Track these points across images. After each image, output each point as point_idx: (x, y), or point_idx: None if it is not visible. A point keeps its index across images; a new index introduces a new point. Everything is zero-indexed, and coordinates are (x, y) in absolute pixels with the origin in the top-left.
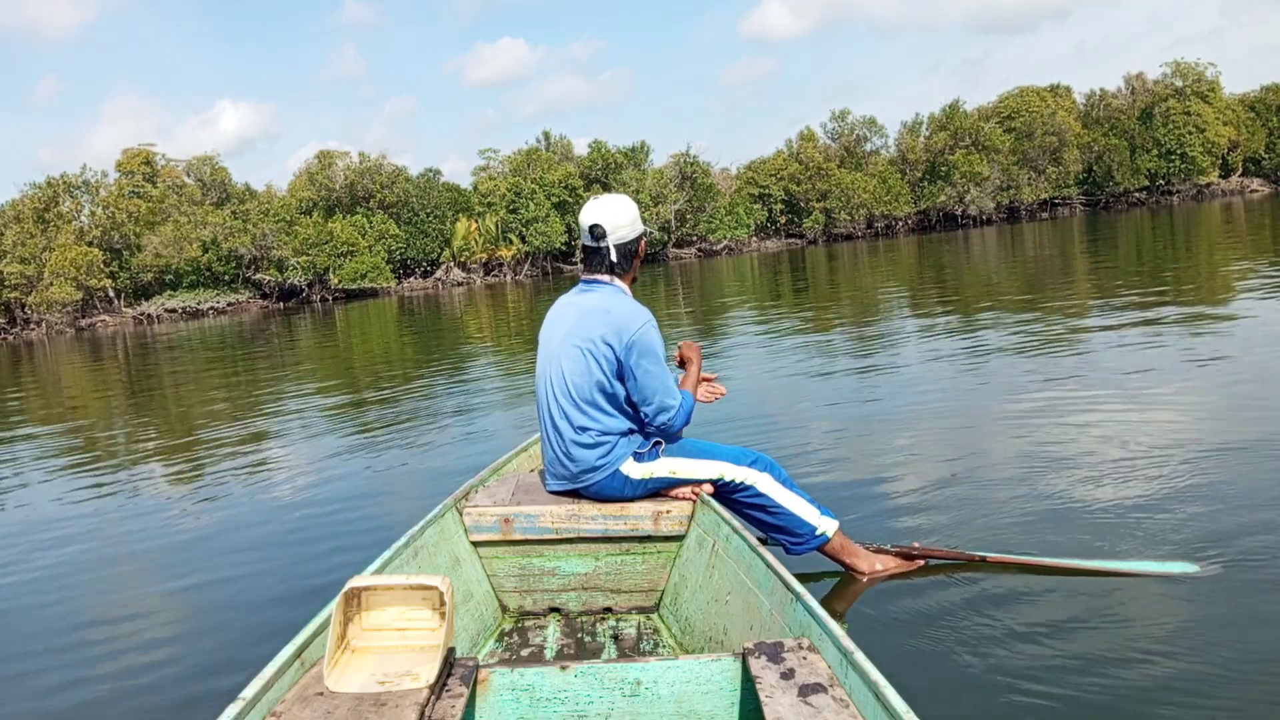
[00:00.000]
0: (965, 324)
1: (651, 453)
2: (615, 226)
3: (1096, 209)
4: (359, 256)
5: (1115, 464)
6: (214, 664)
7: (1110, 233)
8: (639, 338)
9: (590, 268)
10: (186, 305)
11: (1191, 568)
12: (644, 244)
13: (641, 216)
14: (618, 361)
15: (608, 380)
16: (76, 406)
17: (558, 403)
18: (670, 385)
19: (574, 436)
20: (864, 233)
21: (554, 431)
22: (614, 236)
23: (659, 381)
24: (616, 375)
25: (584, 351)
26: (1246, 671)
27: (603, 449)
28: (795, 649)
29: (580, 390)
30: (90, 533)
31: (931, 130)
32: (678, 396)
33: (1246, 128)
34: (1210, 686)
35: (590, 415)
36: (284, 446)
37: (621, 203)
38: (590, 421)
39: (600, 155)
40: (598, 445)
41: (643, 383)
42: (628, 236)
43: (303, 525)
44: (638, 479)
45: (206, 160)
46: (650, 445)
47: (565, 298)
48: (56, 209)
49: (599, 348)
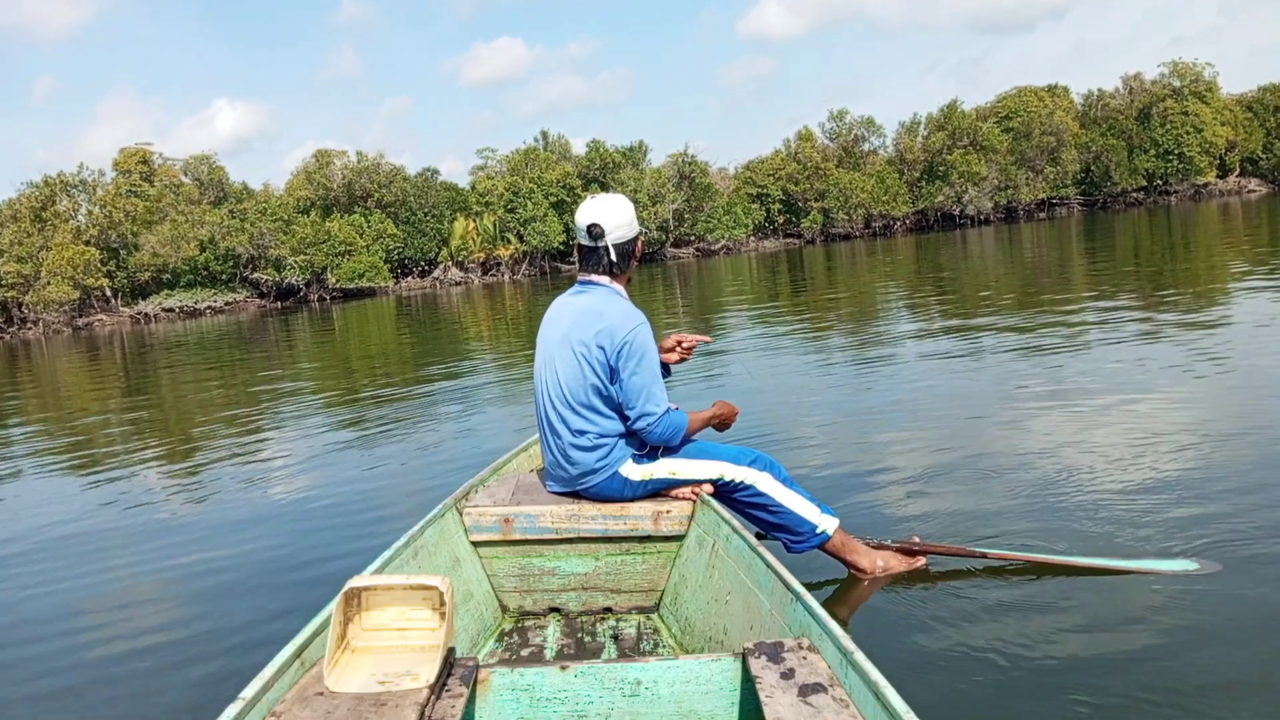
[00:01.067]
0: (964, 323)
1: (650, 454)
2: (613, 226)
3: (1094, 209)
4: (356, 256)
5: (1117, 461)
6: (214, 664)
7: (1108, 233)
8: (630, 340)
9: (586, 268)
10: (184, 305)
11: (1193, 566)
12: (640, 244)
13: (638, 216)
14: (609, 364)
15: (602, 383)
16: (74, 406)
17: (554, 406)
18: (656, 392)
19: (572, 440)
20: (862, 233)
21: (552, 434)
22: (612, 236)
23: (644, 387)
24: (610, 378)
25: (578, 354)
26: (1248, 671)
27: (601, 451)
28: (795, 649)
29: (575, 393)
30: (88, 533)
31: (929, 130)
32: (663, 404)
33: (1244, 128)
34: (1212, 685)
35: (587, 418)
36: (283, 446)
37: (619, 202)
38: (587, 424)
39: (598, 155)
40: (596, 448)
41: (628, 385)
42: (625, 236)
43: (302, 525)
44: (637, 480)
45: (204, 159)
46: (649, 447)
47: (562, 298)
48: (53, 208)
49: (592, 351)
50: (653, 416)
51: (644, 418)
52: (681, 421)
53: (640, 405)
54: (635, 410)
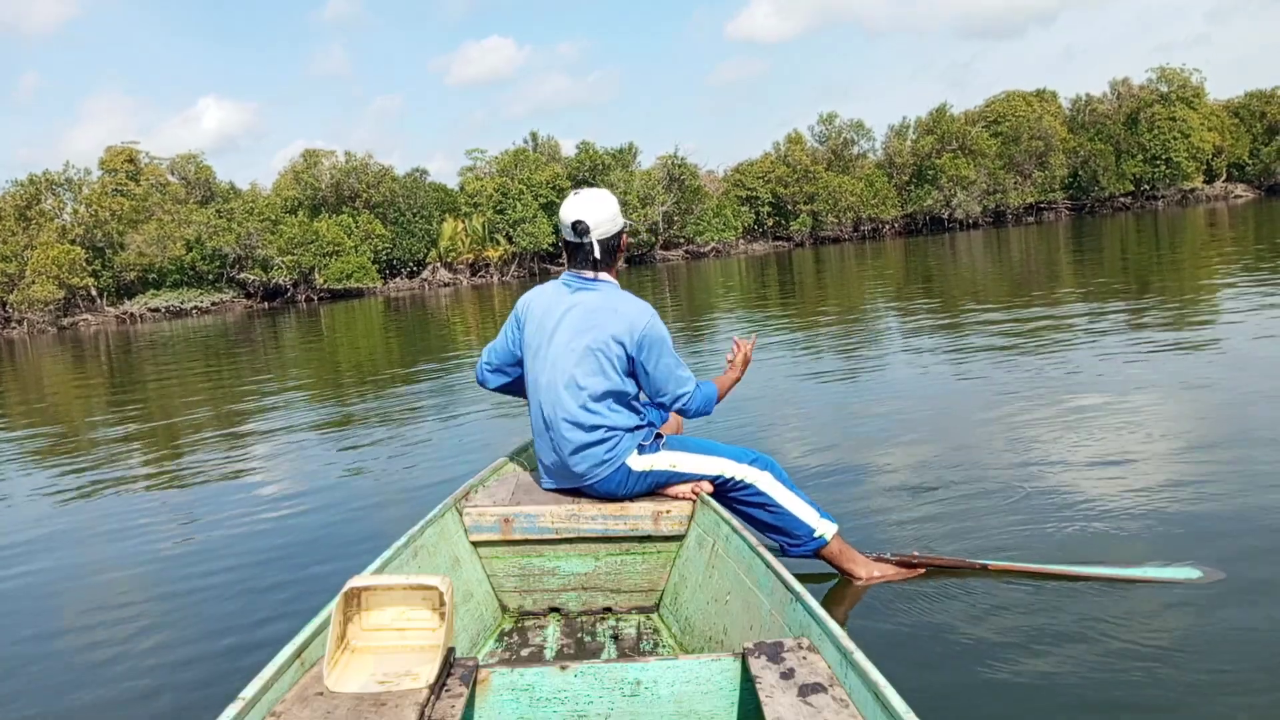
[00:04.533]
0: (956, 329)
1: (653, 445)
2: (597, 222)
3: (1082, 213)
4: (344, 256)
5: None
6: (213, 664)
7: (1095, 237)
8: (648, 331)
9: (575, 263)
10: (170, 304)
11: (1195, 574)
12: (625, 238)
13: (628, 215)
14: (628, 358)
15: (619, 378)
16: (63, 405)
17: (564, 405)
18: (681, 373)
19: (585, 436)
20: (851, 235)
21: (558, 432)
22: (597, 232)
23: (670, 371)
24: (627, 373)
25: (597, 354)
26: (1248, 681)
27: (610, 443)
28: (795, 649)
29: (594, 391)
30: (86, 533)
31: (918, 134)
32: (691, 379)
33: (1231, 133)
34: (1212, 695)
35: (601, 414)
36: (281, 447)
37: (602, 198)
38: (600, 420)
39: (588, 156)
40: (605, 441)
41: (655, 374)
42: (610, 231)
43: (302, 525)
44: (640, 471)
45: (190, 159)
46: (653, 438)
47: (558, 295)
48: (39, 207)
49: (611, 348)
50: (686, 394)
51: (679, 399)
52: (712, 390)
53: (672, 389)
54: (669, 395)
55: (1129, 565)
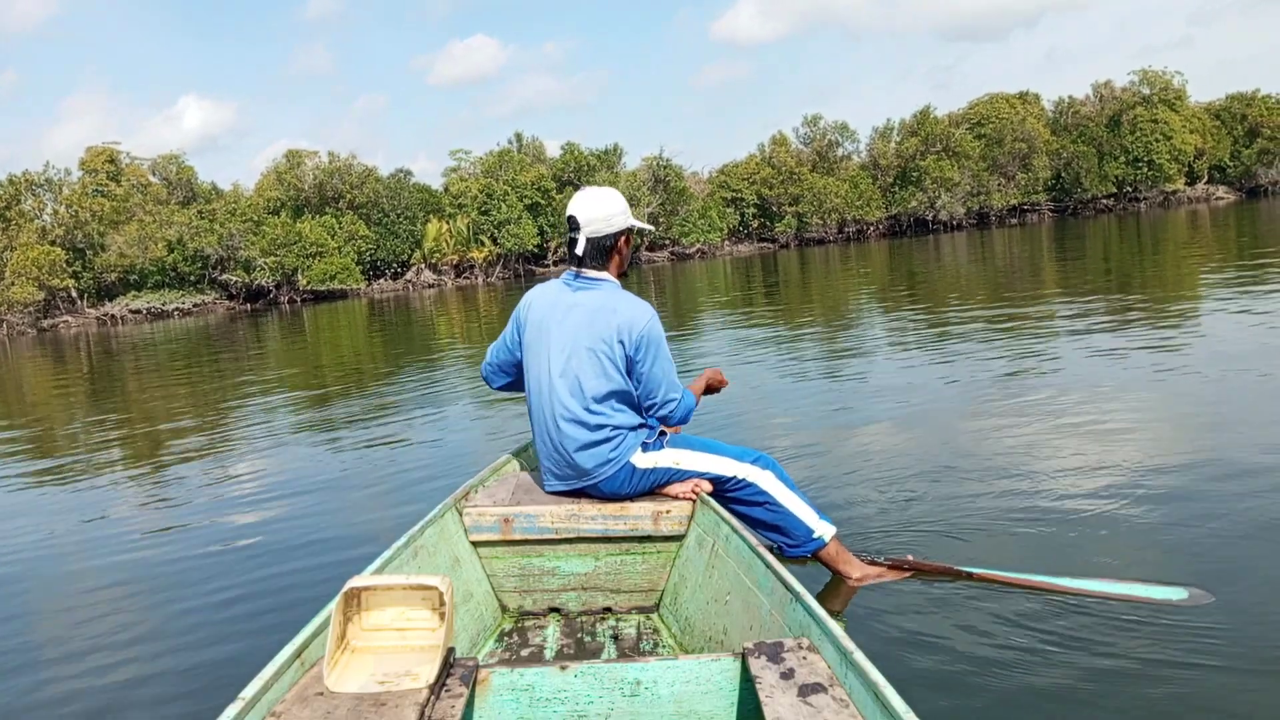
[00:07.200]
0: (942, 332)
1: (657, 443)
2: (589, 220)
3: (1065, 215)
4: (328, 257)
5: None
6: (213, 664)
7: (1079, 239)
8: (647, 332)
9: (570, 260)
10: (151, 306)
11: (1183, 594)
12: (624, 240)
13: (635, 214)
14: (627, 358)
15: (621, 378)
16: (52, 407)
17: (566, 405)
18: (675, 380)
19: (590, 435)
20: (835, 237)
21: (559, 432)
22: (588, 229)
23: (665, 375)
24: (627, 372)
25: (599, 355)
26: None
27: (614, 442)
28: (795, 649)
29: (596, 391)
30: (85, 534)
31: (903, 136)
32: (680, 388)
33: (1212, 136)
34: (1191, 715)
35: (605, 414)
36: (279, 448)
37: (602, 196)
38: (605, 419)
39: (573, 157)
40: (609, 440)
41: (650, 377)
42: (602, 231)
43: (301, 525)
44: (644, 468)
45: (172, 159)
46: (656, 436)
47: (558, 294)
48: (18, 207)
49: (613, 348)
50: (675, 401)
51: (668, 404)
52: (692, 401)
53: (663, 394)
54: (659, 399)
55: (1116, 581)
